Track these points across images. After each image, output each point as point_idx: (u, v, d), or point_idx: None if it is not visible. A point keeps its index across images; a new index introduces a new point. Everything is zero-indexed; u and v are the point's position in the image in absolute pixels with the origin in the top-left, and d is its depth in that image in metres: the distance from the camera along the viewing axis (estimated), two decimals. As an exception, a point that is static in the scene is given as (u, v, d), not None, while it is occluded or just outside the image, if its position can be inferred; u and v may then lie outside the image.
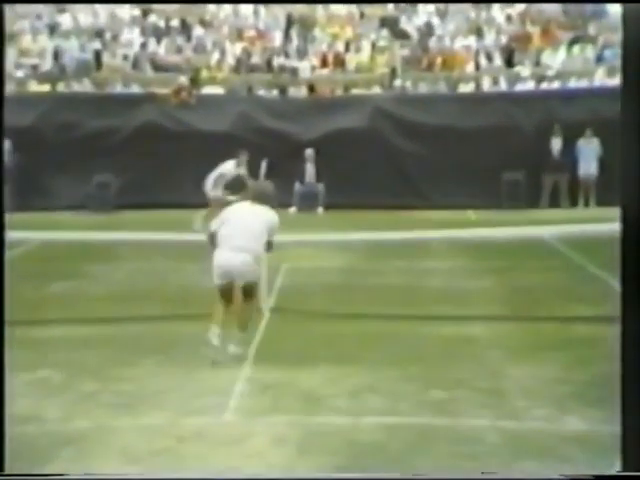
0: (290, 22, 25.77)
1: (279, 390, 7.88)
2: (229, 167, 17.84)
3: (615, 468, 3.99)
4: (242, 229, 8.90)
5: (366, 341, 9.53)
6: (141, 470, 6.12)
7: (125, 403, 7.57)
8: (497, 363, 8.81)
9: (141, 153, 21.91)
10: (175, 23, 25.73)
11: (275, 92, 24.05)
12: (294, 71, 24.25)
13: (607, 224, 13.37)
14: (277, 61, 24.56)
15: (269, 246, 9.12)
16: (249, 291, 8.98)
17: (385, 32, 25.51)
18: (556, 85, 24.04)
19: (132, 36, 25.12)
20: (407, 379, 8.16)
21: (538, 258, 14.43)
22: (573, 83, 24.06)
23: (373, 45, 25.10)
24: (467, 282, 13.01)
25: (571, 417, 7.16)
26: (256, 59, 24.71)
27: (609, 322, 10.08)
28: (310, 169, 22.11)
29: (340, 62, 24.64)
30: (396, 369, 8.45)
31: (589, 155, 21.94)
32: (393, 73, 24.31)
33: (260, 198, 9.20)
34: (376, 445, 6.57)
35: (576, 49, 24.80)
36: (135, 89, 23.83)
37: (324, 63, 24.63)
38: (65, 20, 25.25)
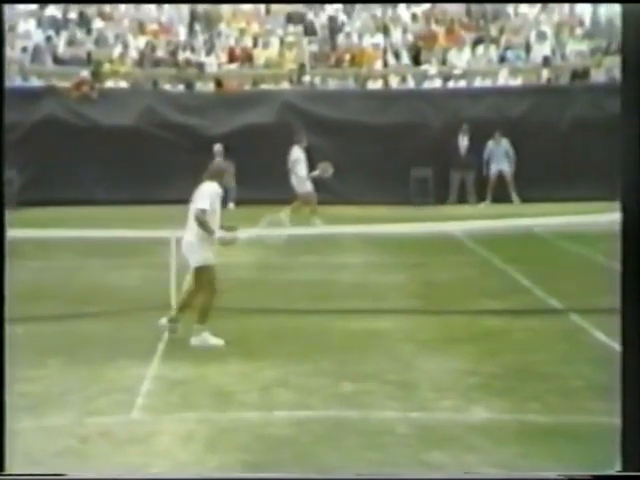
0: (194, 17, 25.59)
1: (187, 386, 7.84)
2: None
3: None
4: (190, 211, 9.23)
5: (277, 336, 9.55)
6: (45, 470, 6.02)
7: (29, 405, 7.41)
8: (408, 356, 8.91)
9: (42, 148, 21.50)
10: (73, 15, 25.24)
11: (181, 87, 23.84)
12: (200, 66, 24.10)
13: (514, 219, 13.81)
14: (182, 55, 24.36)
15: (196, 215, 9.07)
16: (196, 277, 9.26)
17: (293, 28, 25.55)
18: (462, 84, 24.44)
19: (30, 27, 24.54)
20: (318, 373, 8.20)
21: (448, 253, 14.68)
22: (478, 82, 24.51)
23: (281, 41, 25.11)
24: (379, 277, 13.15)
25: (477, 407, 7.28)
26: (161, 53, 24.46)
27: (517, 316, 10.43)
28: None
29: (248, 57, 24.58)
30: (307, 363, 8.49)
31: (500, 155, 22.41)
32: (302, 69, 24.35)
33: (210, 175, 9.37)
34: (286, 439, 6.59)
35: (480, 49, 25.30)
36: (35, 82, 23.32)
37: (232, 58, 24.53)
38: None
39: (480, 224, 13.94)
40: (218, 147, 21.74)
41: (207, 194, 9.12)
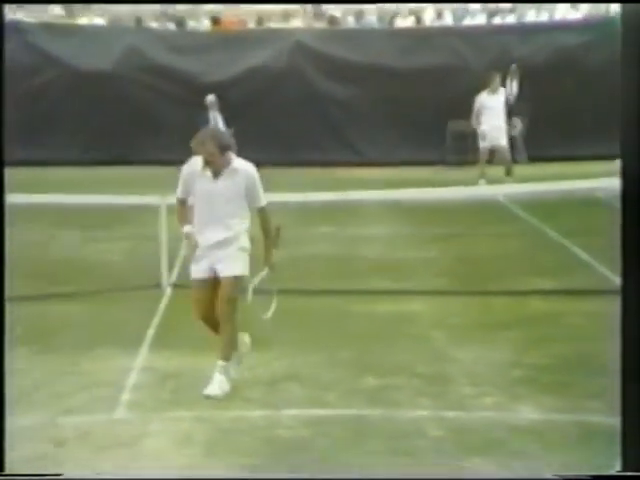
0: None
1: (181, 380, 7.92)
2: None
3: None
4: None
5: (288, 321, 9.51)
6: None
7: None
8: (441, 345, 8.97)
9: (12, 99, 21.45)
10: None
11: (170, 25, 23.83)
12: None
13: (572, 182, 13.71)
14: (173, -14, 24.37)
15: None
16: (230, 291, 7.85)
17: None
18: (511, 19, 24.32)
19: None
20: (335, 364, 8.27)
21: (491, 223, 14.65)
22: (531, 17, 24.36)
23: (292, -32, 25.03)
24: (407, 252, 13.14)
25: (524, 405, 7.33)
26: (147, -14, 24.45)
27: (571, 296, 10.43)
28: (215, 118, 21.96)
29: (252, -11, 24.53)
30: (322, 353, 8.56)
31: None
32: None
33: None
34: (299, 442, 6.66)
35: (533, -24, 25.13)
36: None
37: (232, -10, 24.48)
38: None
39: (530, 187, 13.84)
40: (211, 98, 21.09)
41: (181, 176, 7.91)
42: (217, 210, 7.62)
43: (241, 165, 7.67)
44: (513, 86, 22.49)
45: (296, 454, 6.49)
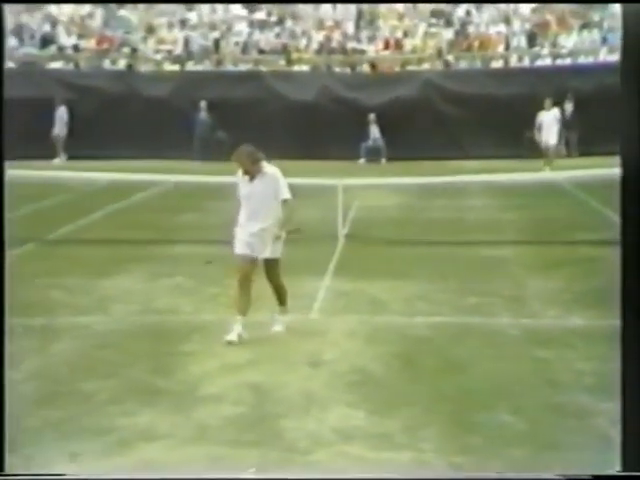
0: (359, 15, 25.26)
1: (351, 296, 7.89)
2: None
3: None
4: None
5: (417, 261, 9.45)
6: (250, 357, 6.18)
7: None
8: (519, 277, 8.68)
9: (251, 116, 21.59)
10: (273, 18, 25.42)
11: (348, 69, 23.67)
12: (363, 53, 23.82)
13: (610, 169, 13.01)
14: (350, 45, 24.16)
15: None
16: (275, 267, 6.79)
17: (435, 21, 24.83)
18: (568, 61, 23.14)
19: (241, 28, 24.97)
20: (449, 289, 8.10)
21: (552, 197, 14.04)
22: (582, 59, 23.13)
23: (425, 31, 24.46)
24: (496, 215, 12.74)
25: (575, 317, 7.05)
26: (334, 44, 24.32)
27: (606, 245, 9.90)
28: (374, 129, 21.86)
29: (398, 45, 24.10)
30: (441, 282, 8.39)
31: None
32: (440, 53, 23.69)
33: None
34: (425, 338, 6.56)
35: (585, 33, 23.78)
36: (243, 68, 23.71)
37: (386, 46, 24.14)
38: (192, 16, 25.19)
39: (579, 173, 13.25)
40: (372, 116, 21.33)
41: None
42: (254, 206, 6.45)
43: (270, 170, 6.49)
44: (569, 106, 21.51)
45: (423, 345, 6.39)
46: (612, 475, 3.28)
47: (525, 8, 25.32)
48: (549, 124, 19.25)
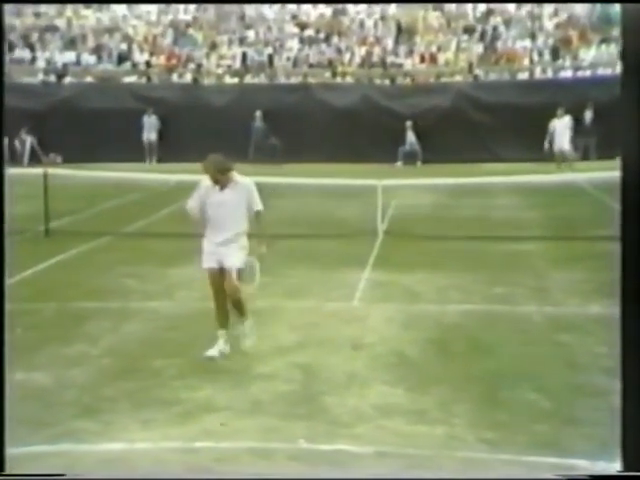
0: (399, 31, 25.05)
1: (389, 286, 7.84)
2: None
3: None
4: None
5: (450, 254, 9.33)
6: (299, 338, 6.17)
7: (289, 291, 7.65)
8: (542, 269, 8.53)
9: (300, 123, 21.54)
10: (321, 35, 25.38)
11: (387, 81, 23.50)
12: (401, 66, 23.62)
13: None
14: (389, 59, 23.99)
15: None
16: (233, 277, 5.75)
17: (465, 37, 24.46)
18: (588, 73, 22.57)
19: (292, 44, 25.04)
20: (478, 280, 7.98)
21: (571, 196, 13.71)
22: (601, 71, 22.53)
23: (457, 46, 24.13)
24: (521, 213, 12.51)
25: (594, 305, 6.89)
26: (375, 58, 24.17)
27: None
28: (410, 135, 21.66)
29: (433, 59, 23.83)
30: (470, 273, 8.28)
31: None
32: (471, 66, 23.37)
33: None
34: (456, 325, 6.48)
35: (604, 47, 23.17)
36: (293, 80, 23.74)
37: (422, 60, 23.90)
38: (250, 34, 25.34)
39: (597, 174, 12.89)
40: (408, 123, 21.22)
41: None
42: (223, 215, 5.62)
43: (242, 180, 5.76)
44: (589, 115, 20.99)
45: (455, 330, 6.31)
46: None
47: (549, 24, 24.79)
48: (561, 131, 19.11)
